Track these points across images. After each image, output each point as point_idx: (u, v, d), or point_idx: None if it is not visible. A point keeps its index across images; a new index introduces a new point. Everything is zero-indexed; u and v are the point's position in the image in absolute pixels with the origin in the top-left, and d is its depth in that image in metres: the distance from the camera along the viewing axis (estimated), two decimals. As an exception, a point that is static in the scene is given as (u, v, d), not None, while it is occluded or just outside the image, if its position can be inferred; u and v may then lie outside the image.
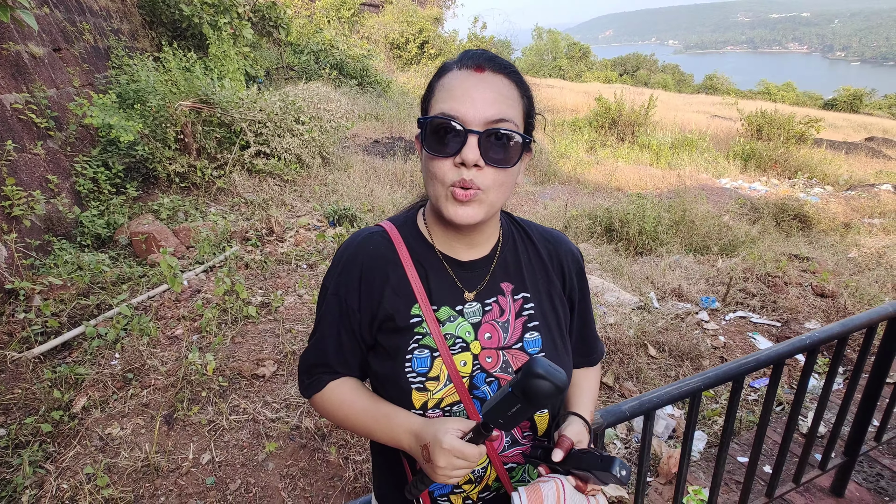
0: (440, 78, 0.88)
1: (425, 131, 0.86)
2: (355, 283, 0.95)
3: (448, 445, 0.79)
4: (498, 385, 0.94)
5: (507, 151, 0.84)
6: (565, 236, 1.10)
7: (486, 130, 0.82)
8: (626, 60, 52.14)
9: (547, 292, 1.02)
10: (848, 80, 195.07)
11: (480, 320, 0.95)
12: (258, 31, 10.99)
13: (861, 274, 5.21)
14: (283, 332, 3.39)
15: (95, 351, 3.06)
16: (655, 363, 3.56)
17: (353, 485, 2.45)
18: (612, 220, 6.32)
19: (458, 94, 0.83)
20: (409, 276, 0.94)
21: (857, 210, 8.52)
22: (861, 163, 13.14)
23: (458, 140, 0.82)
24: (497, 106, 0.83)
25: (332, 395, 0.99)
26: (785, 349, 1.67)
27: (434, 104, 0.87)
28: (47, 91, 4.93)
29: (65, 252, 3.96)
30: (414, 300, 0.93)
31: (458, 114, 0.82)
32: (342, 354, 0.98)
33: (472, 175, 0.83)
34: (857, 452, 2.17)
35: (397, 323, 0.93)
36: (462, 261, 0.97)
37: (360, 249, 0.97)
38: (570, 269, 1.06)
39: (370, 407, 0.95)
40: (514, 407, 0.75)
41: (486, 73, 0.84)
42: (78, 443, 2.49)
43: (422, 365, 0.91)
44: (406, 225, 1.01)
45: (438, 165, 0.85)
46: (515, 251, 1.02)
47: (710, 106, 23.75)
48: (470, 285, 0.96)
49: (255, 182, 6.11)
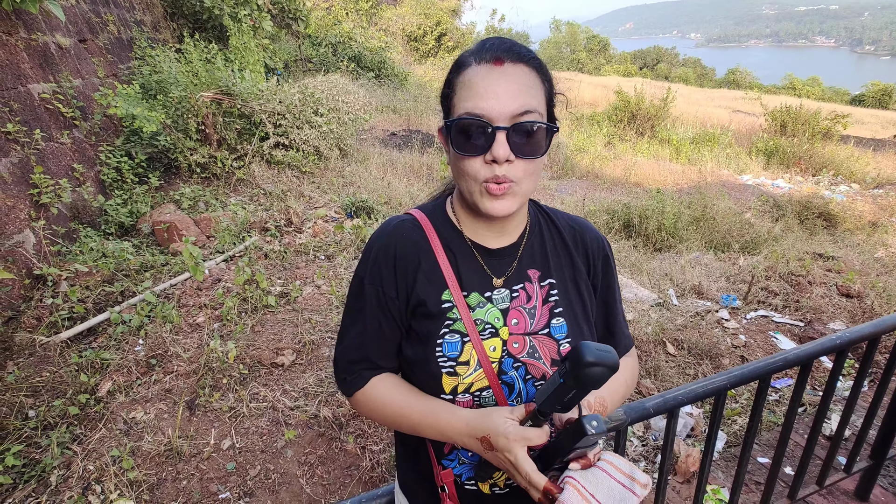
0: (459, 73, 0.87)
1: (451, 131, 0.86)
2: (391, 270, 0.96)
3: (514, 436, 0.80)
4: (525, 370, 0.94)
5: (536, 141, 0.85)
6: (591, 223, 1.10)
7: (514, 125, 0.82)
8: (647, 54, 51.32)
9: (572, 279, 1.02)
10: (877, 74, 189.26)
11: (508, 306, 0.96)
12: (277, 23, 11.05)
13: (888, 274, 5.08)
14: (301, 321, 3.43)
15: (120, 337, 3.13)
16: (674, 361, 3.52)
17: (370, 474, 2.48)
18: (631, 215, 6.25)
19: (480, 90, 0.82)
20: (440, 263, 0.95)
21: (884, 209, 8.28)
22: (889, 160, 12.75)
23: (486, 137, 0.83)
24: (521, 98, 0.82)
25: (374, 393, 0.99)
26: (814, 349, 1.64)
27: (457, 102, 0.86)
28: (73, 81, 5.02)
29: (90, 239, 4.05)
30: (445, 286, 0.94)
31: (484, 111, 0.82)
32: (384, 345, 0.99)
33: (504, 170, 0.84)
34: (884, 456, 2.12)
35: (429, 308, 0.94)
36: (490, 248, 0.98)
37: (392, 237, 0.98)
38: (594, 256, 1.05)
39: (414, 403, 0.95)
40: (568, 394, 0.76)
41: (506, 66, 0.83)
42: (103, 426, 2.56)
43: (452, 350, 0.92)
44: (435, 213, 1.01)
45: (469, 164, 0.86)
46: (542, 238, 1.02)
47: (733, 101, 23.25)
48: (498, 272, 0.97)
49: (274, 173, 6.16)
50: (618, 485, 0.84)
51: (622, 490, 0.84)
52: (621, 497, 0.83)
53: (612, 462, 0.87)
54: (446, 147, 0.92)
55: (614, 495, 0.83)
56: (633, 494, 0.84)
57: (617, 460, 0.88)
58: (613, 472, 0.86)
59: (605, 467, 0.86)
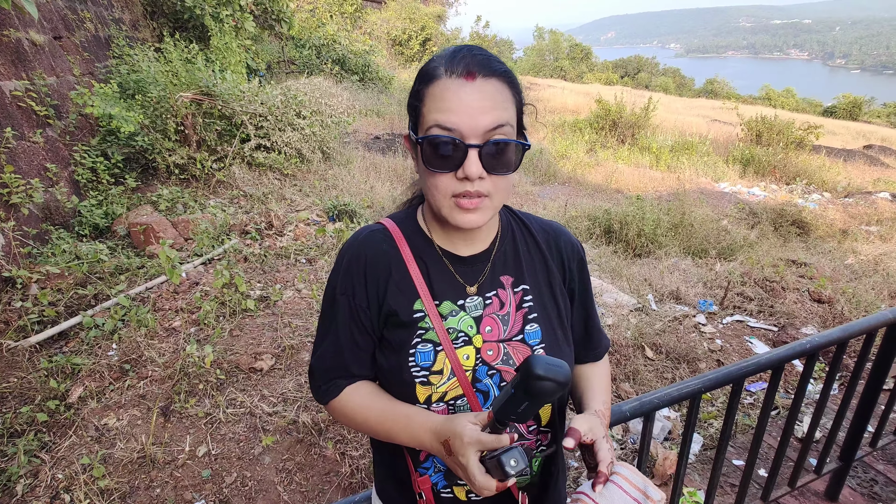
0: (428, 84, 0.84)
1: (422, 146, 0.84)
2: (361, 281, 0.95)
3: (469, 438, 0.79)
4: (500, 377, 0.94)
5: (507, 158, 0.84)
6: (565, 228, 1.10)
7: (486, 142, 0.81)
8: (628, 63, 52.22)
9: (547, 283, 1.02)
10: (848, 87, 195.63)
11: (482, 314, 0.96)
12: (260, 24, 10.94)
13: (858, 280, 5.24)
14: (281, 326, 3.39)
15: (92, 341, 3.05)
16: (652, 365, 3.57)
17: (350, 480, 2.45)
18: (612, 221, 6.33)
19: (452, 105, 0.80)
20: (410, 272, 0.95)
21: (854, 217, 8.55)
22: (859, 170, 13.19)
23: (457, 155, 0.81)
24: (493, 113, 0.81)
25: (349, 401, 0.99)
26: (785, 353, 1.68)
27: (426, 115, 0.84)
28: (47, 79, 4.90)
29: (63, 241, 3.94)
30: (416, 295, 0.94)
31: (456, 126, 0.80)
32: (358, 354, 0.98)
33: (476, 186, 0.83)
34: (853, 458, 2.18)
35: (401, 318, 0.93)
36: (462, 255, 0.97)
37: (362, 247, 0.97)
38: (569, 260, 1.06)
39: (388, 409, 0.94)
40: (521, 405, 0.75)
41: (478, 80, 0.81)
42: (73, 433, 2.48)
43: (425, 359, 0.92)
44: (406, 221, 1.01)
45: (440, 179, 0.85)
46: (514, 244, 1.02)
47: (711, 110, 23.78)
48: (470, 279, 0.97)
49: (255, 175, 6.08)
50: (633, 502, 0.82)
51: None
52: None
53: (626, 476, 0.85)
54: (414, 158, 0.91)
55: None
56: None
57: (631, 473, 0.86)
58: (627, 486, 0.84)
59: (619, 481, 0.84)
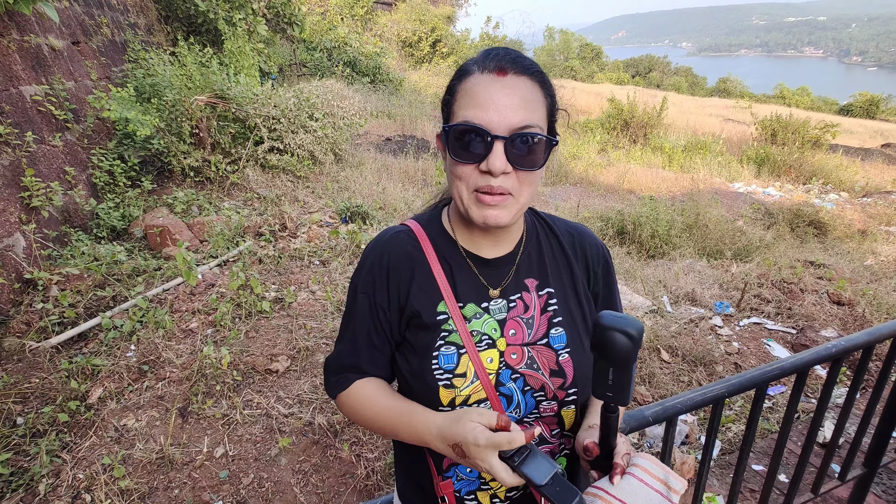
0: (461, 81, 0.86)
1: (449, 137, 0.85)
2: (383, 281, 0.96)
3: (485, 442, 0.78)
4: (524, 381, 0.93)
5: (534, 154, 0.84)
6: (590, 230, 1.09)
7: (512, 136, 0.81)
8: (639, 62, 51.83)
9: (572, 287, 1.01)
10: (864, 85, 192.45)
11: (506, 317, 0.95)
12: (272, 27, 11.04)
13: (878, 282, 5.14)
14: (296, 327, 3.40)
15: (111, 342, 3.09)
16: (668, 368, 3.53)
17: (365, 482, 2.45)
18: (625, 222, 6.28)
19: (481, 100, 0.81)
20: (434, 274, 0.94)
21: (873, 217, 8.40)
22: (877, 169, 12.95)
23: (483, 146, 0.82)
24: (522, 112, 0.81)
25: (357, 395, 0.99)
26: (810, 357, 1.64)
27: (457, 109, 0.85)
28: (66, 84, 4.98)
29: (81, 243, 4.00)
30: (440, 297, 0.94)
31: (483, 121, 0.81)
32: (374, 353, 0.98)
33: (499, 182, 0.83)
34: (878, 464, 2.13)
35: (424, 320, 0.93)
36: (486, 258, 0.97)
37: (386, 248, 0.97)
38: (594, 263, 1.05)
39: (392, 406, 0.94)
40: (608, 374, 0.75)
41: (510, 77, 0.82)
42: (94, 433, 2.52)
43: (448, 362, 0.91)
44: (431, 223, 1.01)
45: (463, 170, 0.85)
46: (539, 246, 1.01)
47: (724, 109, 23.52)
48: (494, 282, 0.96)
49: (268, 178, 6.13)
50: (655, 493, 0.79)
51: (660, 499, 0.79)
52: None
53: (646, 468, 0.82)
54: (443, 153, 0.91)
55: None
56: (669, 503, 0.79)
57: (651, 465, 0.83)
58: (648, 478, 0.81)
59: (639, 473, 0.81)
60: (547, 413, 0.96)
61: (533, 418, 0.96)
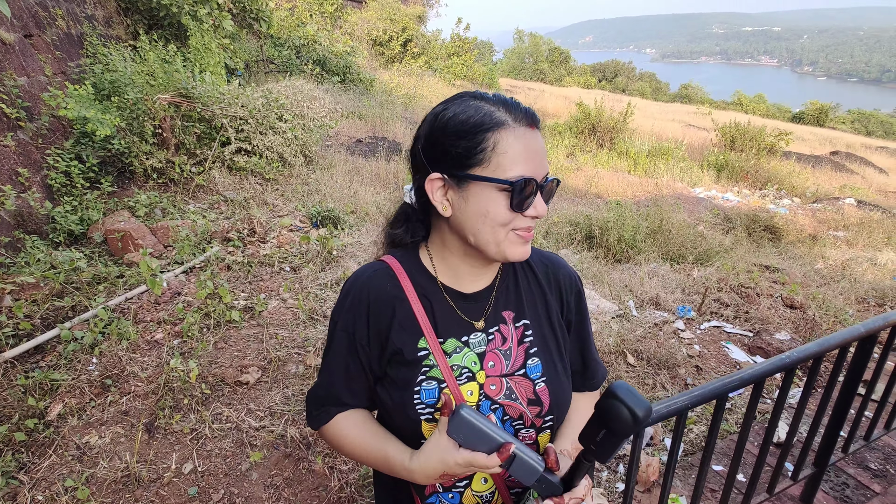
0: (494, 131, 0.85)
1: (513, 191, 0.85)
2: (363, 319, 0.97)
3: (463, 460, 0.86)
4: (503, 412, 0.97)
5: (552, 193, 0.95)
6: (563, 259, 1.14)
7: (545, 183, 0.90)
8: (605, 66, 53.02)
9: (546, 316, 1.05)
10: (815, 94, 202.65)
11: (485, 350, 0.98)
12: (238, 22, 10.76)
13: (827, 286, 5.44)
14: (267, 337, 3.35)
15: (71, 355, 2.96)
16: (634, 371, 3.65)
17: (339, 494, 2.45)
18: (593, 227, 6.43)
19: (528, 155, 0.87)
20: (414, 310, 0.96)
21: (822, 222, 8.87)
22: (826, 176, 13.69)
23: (531, 196, 0.89)
24: (545, 160, 0.92)
25: (337, 430, 1.03)
26: (765, 368, 1.74)
27: (505, 162, 0.85)
28: (18, 80, 4.74)
29: (37, 250, 3.82)
30: (420, 334, 0.96)
31: (534, 174, 0.88)
32: (351, 386, 1.02)
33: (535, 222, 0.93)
34: (827, 463, 2.28)
35: (405, 356, 0.95)
36: (465, 293, 1.00)
37: (366, 285, 0.99)
38: (567, 293, 1.09)
39: (370, 447, 1.00)
40: (598, 433, 0.77)
41: (536, 130, 0.90)
42: (53, 452, 2.42)
43: (430, 396, 0.94)
44: (407, 258, 1.02)
45: (506, 217, 0.88)
46: (515, 278, 1.05)
47: (685, 115, 24.36)
48: (474, 316, 0.99)
49: (236, 180, 5.99)
50: None
51: None
52: None
53: None
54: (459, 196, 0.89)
55: None
56: None
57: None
58: None
59: None
60: (525, 440, 1.00)
61: None
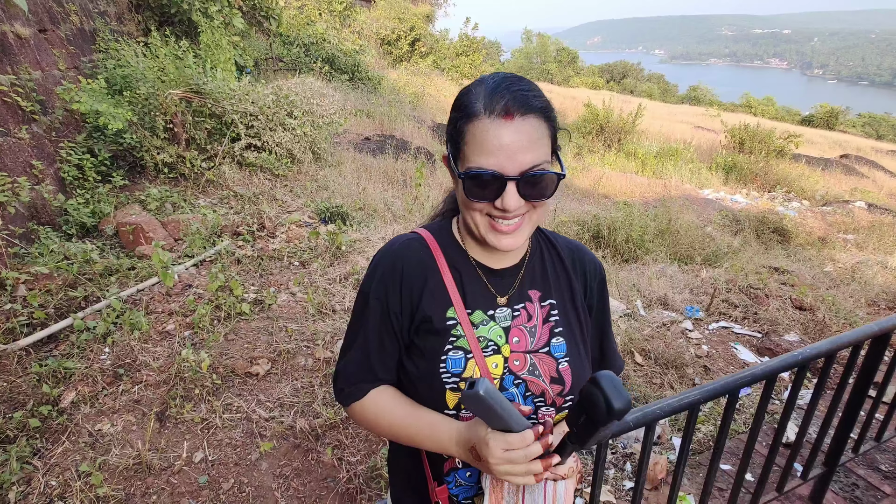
0: (468, 122, 0.87)
1: (463, 181, 0.88)
2: (397, 288, 0.99)
3: (492, 439, 0.83)
4: (525, 387, 0.99)
5: (543, 188, 0.88)
6: (588, 248, 1.15)
7: (523, 176, 0.85)
8: (614, 67, 52.78)
9: (571, 300, 1.06)
10: (825, 97, 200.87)
11: (510, 325, 1.00)
12: (248, 20, 10.81)
13: (837, 288, 5.41)
14: (276, 330, 3.37)
15: (84, 344, 3.00)
16: (642, 370, 3.65)
17: (347, 486, 2.46)
18: (600, 227, 6.42)
19: (492, 147, 0.84)
20: (445, 281, 0.98)
21: (832, 225, 8.81)
22: (836, 179, 13.58)
23: (497, 187, 0.85)
24: (529, 153, 0.84)
25: (372, 405, 1.02)
26: (777, 365, 1.74)
27: (468, 154, 0.87)
28: (33, 73, 4.79)
29: (50, 241, 3.86)
30: (450, 304, 0.98)
31: (495, 167, 0.84)
32: (385, 359, 1.02)
33: (512, 213, 0.88)
34: (837, 463, 2.27)
35: (434, 325, 0.97)
36: (494, 268, 1.01)
37: (399, 255, 1.01)
38: (591, 278, 1.10)
39: (413, 415, 0.98)
40: (579, 417, 0.79)
41: (516, 120, 0.83)
42: (67, 439, 2.45)
43: (456, 366, 0.95)
44: (441, 233, 1.05)
45: (479, 206, 0.89)
46: (542, 260, 1.07)
47: (694, 117, 24.23)
48: (501, 291, 1.01)
49: (246, 175, 6.03)
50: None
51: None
52: None
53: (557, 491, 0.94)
54: (454, 181, 0.95)
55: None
56: None
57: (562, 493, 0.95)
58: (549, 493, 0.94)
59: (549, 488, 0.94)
60: (544, 419, 1.01)
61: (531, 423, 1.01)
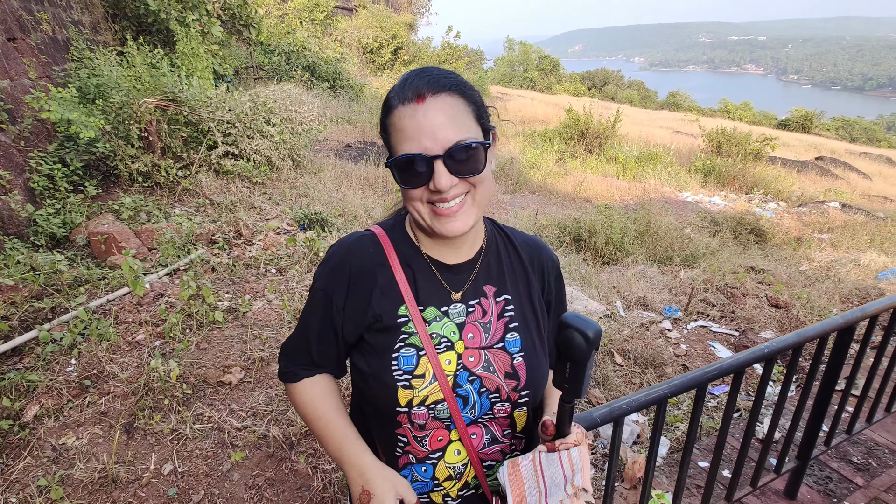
0: (388, 115, 0.90)
1: (393, 170, 0.90)
2: (343, 283, 0.98)
3: None
4: (480, 383, 0.97)
5: (474, 160, 0.88)
6: (545, 243, 1.16)
7: (448, 152, 0.85)
8: (595, 75, 53.48)
9: (527, 295, 1.06)
10: (800, 101, 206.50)
11: (464, 321, 0.99)
12: (227, 29, 10.75)
13: (811, 286, 5.50)
14: (250, 338, 3.31)
15: (49, 356, 2.91)
16: (621, 371, 3.66)
17: (322, 494, 2.41)
18: (581, 230, 6.47)
19: (411, 131, 0.85)
20: (396, 278, 0.98)
21: (807, 225, 9.00)
22: (811, 180, 13.90)
23: (426, 169, 0.86)
24: (449, 128, 0.85)
25: (303, 393, 1.04)
26: (745, 358, 1.75)
27: (395, 145, 0.89)
28: (1, 82, 4.69)
29: (17, 252, 3.76)
30: (401, 301, 0.97)
31: (419, 149, 0.85)
32: (323, 345, 1.03)
33: (449, 194, 0.88)
34: (809, 456, 2.29)
35: (384, 322, 0.96)
36: (448, 264, 1.01)
37: (350, 251, 1.00)
38: (549, 274, 1.10)
39: (333, 421, 1.01)
40: (565, 369, 0.83)
41: (428, 100, 0.85)
42: (28, 454, 2.36)
43: (408, 363, 0.94)
44: (394, 229, 1.04)
45: (415, 193, 0.90)
46: (498, 255, 1.06)
47: (673, 122, 24.65)
48: (455, 287, 1.00)
49: (223, 183, 5.96)
50: (561, 476, 0.91)
51: (562, 481, 0.91)
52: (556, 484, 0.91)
53: (572, 457, 0.93)
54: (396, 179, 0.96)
55: (556, 482, 0.91)
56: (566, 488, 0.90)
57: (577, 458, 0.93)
58: (566, 463, 0.92)
59: (563, 457, 0.92)
60: (500, 414, 1.00)
61: (487, 419, 1.00)
